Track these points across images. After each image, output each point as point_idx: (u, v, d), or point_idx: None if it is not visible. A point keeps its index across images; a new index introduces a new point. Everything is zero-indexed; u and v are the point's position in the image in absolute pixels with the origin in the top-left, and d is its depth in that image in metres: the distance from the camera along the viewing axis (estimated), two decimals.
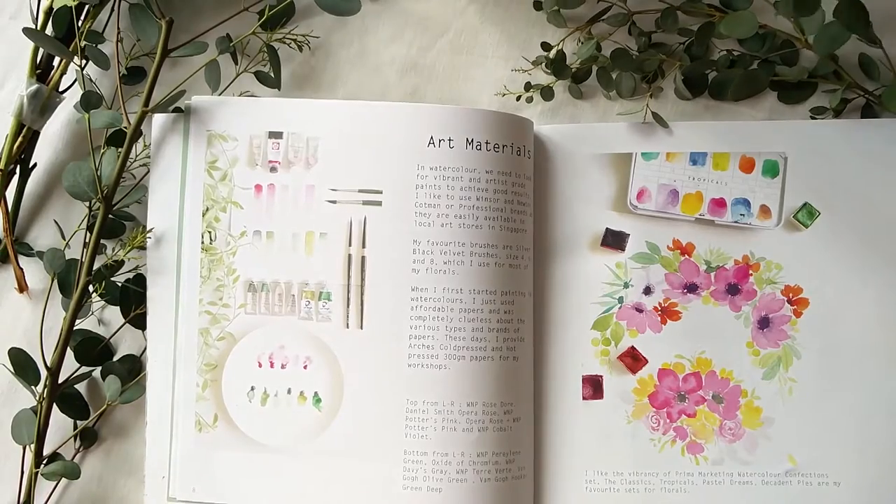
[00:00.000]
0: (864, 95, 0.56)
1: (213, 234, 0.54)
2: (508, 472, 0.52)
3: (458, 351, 0.52)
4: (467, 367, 0.52)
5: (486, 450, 0.52)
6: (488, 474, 0.51)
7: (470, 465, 0.51)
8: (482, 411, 0.52)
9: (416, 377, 0.52)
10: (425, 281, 0.52)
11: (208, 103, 0.55)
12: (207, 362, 0.54)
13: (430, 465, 0.51)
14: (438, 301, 0.52)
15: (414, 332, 0.52)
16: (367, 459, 0.52)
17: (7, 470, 0.55)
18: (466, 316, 0.52)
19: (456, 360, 0.52)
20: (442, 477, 0.51)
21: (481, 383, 0.52)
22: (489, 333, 0.52)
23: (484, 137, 0.53)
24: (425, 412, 0.52)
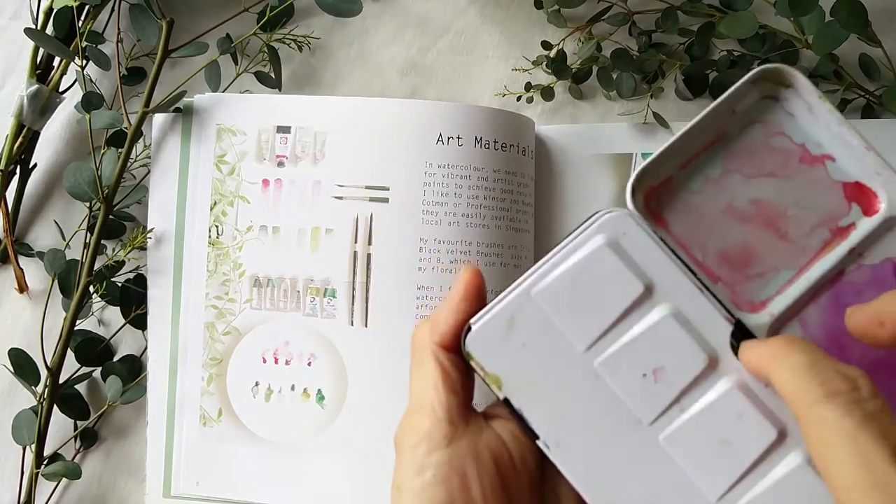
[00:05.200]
0: (865, 95, 0.56)
1: (220, 229, 0.54)
2: None
3: None
4: None
5: None
6: None
7: None
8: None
9: None
10: (431, 280, 0.52)
11: (217, 98, 0.55)
12: (213, 357, 0.54)
13: None
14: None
15: None
16: (370, 457, 0.52)
17: (7, 470, 0.55)
18: None
19: None
20: None
21: None
22: None
23: (492, 136, 0.53)
24: None
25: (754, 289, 0.31)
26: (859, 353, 0.30)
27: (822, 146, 0.32)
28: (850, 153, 0.31)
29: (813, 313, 0.31)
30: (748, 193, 0.32)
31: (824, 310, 0.31)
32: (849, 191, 0.31)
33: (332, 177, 0.54)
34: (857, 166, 0.31)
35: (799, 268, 0.31)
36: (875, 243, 0.31)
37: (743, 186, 0.32)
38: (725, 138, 0.32)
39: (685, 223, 0.32)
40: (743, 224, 0.31)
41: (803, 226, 0.31)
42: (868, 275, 0.31)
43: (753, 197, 0.32)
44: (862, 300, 0.29)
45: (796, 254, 0.31)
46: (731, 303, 0.31)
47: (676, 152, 0.31)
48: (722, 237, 0.31)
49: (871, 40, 0.53)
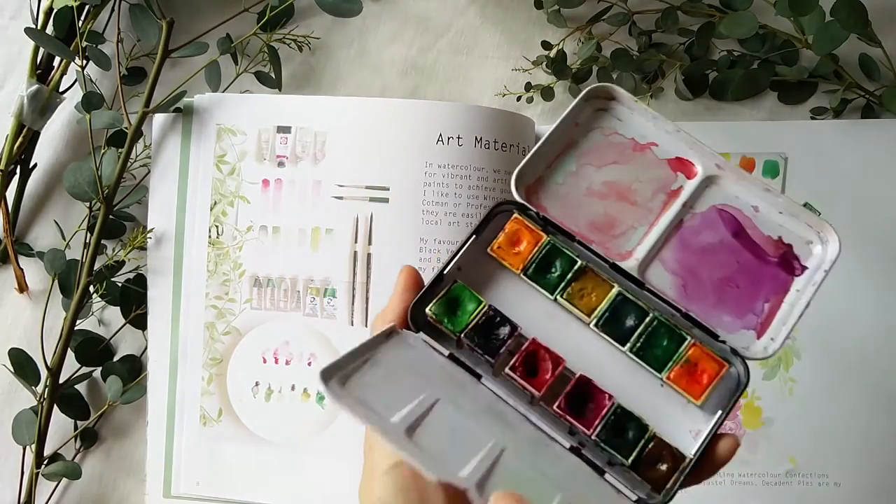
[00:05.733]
0: (865, 95, 0.56)
1: (220, 229, 0.54)
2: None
3: None
4: None
5: None
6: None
7: None
8: None
9: None
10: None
11: (217, 98, 0.55)
12: (213, 357, 0.54)
13: None
14: None
15: None
16: None
17: (7, 470, 0.55)
18: None
19: None
20: None
21: None
22: None
23: (492, 136, 0.53)
24: None
25: (621, 244, 0.40)
26: (708, 275, 0.39)
27: (647, 136, 0.41)
28: (667, 138, 0.41)
29: (667, 253, 0.40)
30: (600, 178, 0.41)
31: (675, 249, 0.40)
32: (673, 164, 0.41)
33: (333, 177, 0.54)
34: (674, 146, 0.41)
35: (650, 223, 0.40)
36: (700, 197, 0.40)
37: (595, 174, 0.41)
38: (575, 143, 0.41)
39: (558, 207, 0.40)
40: (602, 200, 0.41)
41: (646, 193, 0.41)
42: (700, 219, 0.40)
43: (605, 180, 0.41)
44: (700, 238, 0.40)
45: (646, 214, 0.40)
46: (607, 256, 0.39)
47: (540, 158, 0.40)
48: (588, 212, 0.40)
49: (871, 40, 0.53)
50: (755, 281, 0.39)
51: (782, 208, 0.40)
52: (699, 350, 0.37)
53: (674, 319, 0.38)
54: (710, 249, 0.40)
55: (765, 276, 0.39)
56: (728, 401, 0.37)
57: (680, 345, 0.38)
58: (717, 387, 0.37)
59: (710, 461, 0.36)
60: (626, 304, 0.38)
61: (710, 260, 0.39)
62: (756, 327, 0.39)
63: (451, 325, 0.38)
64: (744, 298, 0.39)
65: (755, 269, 0.39)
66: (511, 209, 0.39)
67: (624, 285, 0.39)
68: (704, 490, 0.53)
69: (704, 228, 0.40)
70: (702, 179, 0.40)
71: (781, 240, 0.40)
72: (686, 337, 0.38)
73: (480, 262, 0.40)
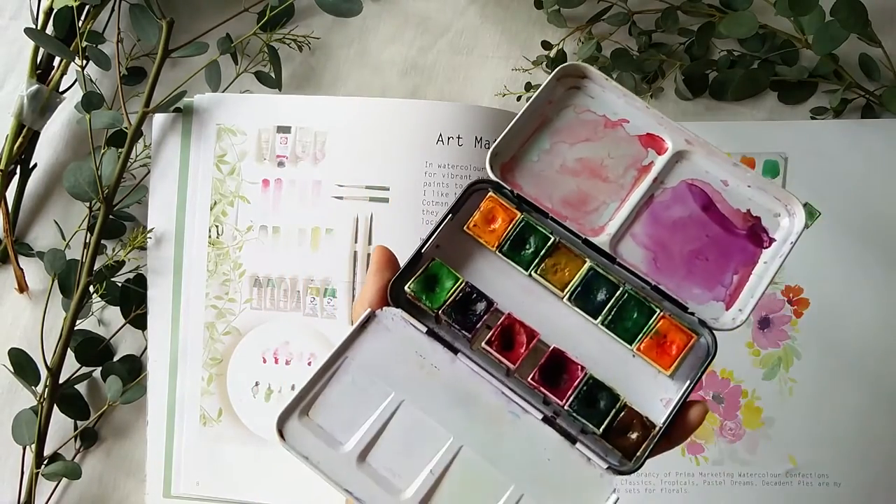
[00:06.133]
0: (865, 95, 0.56)
1: (220, 229, 0.54)
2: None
3: None
4: None
5: None
6: None
7: None
8: None
9: None
10: None
11: (217, 98, 0.55)
12: (213, 356, 0.54)
13: None
14: None
15: None
16: None
17: (7, 470, 0.55)
18: None
19: None
20: None
21: None
22: None
23: (492, 136, 0.53)
24: None
25: (593, 219, 0.41)
26: (678, 249, 0.40)
27: (618, 113, 0.42)
28: (637, 114, 0.42)
29: (638, 228, 0.41)
30: (573, 155, 0.42)
31: (646, 224, 0.41)
32: (643, 140, 0.42)
33: (333, 177, 0.54)
34: (644, 122, 0.42)
35: (621, 199, 0.41)
36: (670, 172, 0.41)
37: (568, 151, 0.42)
38: (548, 121, 0.42)
39: (533, 185, 0.41)
40: (575, 177, 0.42)
41: (618, 170, 0.42)
42: (670, 194, 0.41)
43: (578, 157, 0.42)
44: (670, 212, 0.41)
45: (617, 190, 0.41)
46: (580, 232, 0.40)
47: (514, 136, 0.41)
48: (561, 189, 0.41)
49: (871, 40, 0.53)
50: (724, 253, 0.40)
51: (751, 182, 0.41)
52: (668, 322, 0.39)
53: (644, 293, 0.39)
54: (681, 223, 0.41)
55: (733, 249, 0.40)
56: (697, 370, 0.38)
57: (650, 317, 0.39)
58: (687, 357, 0.38)
59: (681, 427, 0.38)
60: (597, 279, 0.39)
61: (680, 234, 0.41)
62: (725, 299, 0.40)
63: (429, 302, 0.39)
64: (713, 271, 0.40)
65: (724, 242, 0.40)
66: (486, 188, 0.41)
67: (596, 260, 0.40)
68: (704, 490, 0.53)
69: (674, 203, 0.41)
70: (672, 155, 0.41)
71: (750, 213, 0.41)
72: (656, 310, 0.39)
73: (457, 240, 0.40)
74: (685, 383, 0.38)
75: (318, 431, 0.37)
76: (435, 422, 0.37)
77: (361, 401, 0.37)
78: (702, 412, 0.38)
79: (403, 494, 0.36)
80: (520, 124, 0.41)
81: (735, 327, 0.39)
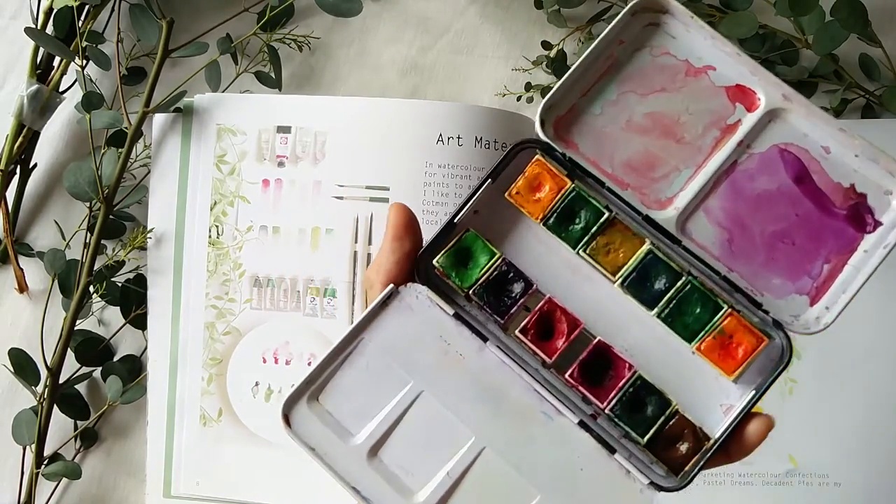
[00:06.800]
0: (865, 95, 0.56)
1: (220, 229, 0.54)
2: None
3: None
4: None
5: None
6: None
7: None
8: None
9: None
10: None
11: (217, 98, 0.55)
12: (213, 357, 0.54)
13: None
14: None
15: None
16: None
17: (7, 470, 0.55)
18: None
19: None
20: None
21: None
22: None
23: (492, 136, 0.53)
24: None
25: (660, 189, 0.35)
26: (759, 229, 0.34)
27: (703, 59, 0.35)
28: (727, 61, 0.35)
29: (714, 202, 0.34)
30: (643, 109, 0.35)
31: (724, 197, 0.34)
32: (731, 93, 0.35)
33: (333, 177, 0.54)
34: (734, 71, 0.35)
35: (697, 165, 0.35)
36: (760, 134, 0.35)
37: (638, 104, 0.35)
38: (617, 65, 0.35)
39: (592, 143, 0.35)
40: (643, 136, 0.35)
41: (696, 129, 0.35)
42: (757, 161, 0.35)
43: (649, 111, 0.35)
44: (755, 184, 0.34)
45: (693, 154, 0.35)
46: (642, 204, 0.34)
47: (576, 83, 0.35)
48: (625, 150, 0.35)
49: (871, 40, 0.53)
50: (815, 237, 0.34)
51: (859, 150, 0.34)
52: (736, 320, 0.34)
53: (710, 283, 0.34)
54: (766, 198, 0.34)
55: (827, 232, 0.34)
56: (767, 377, 0.33)
57: (715, 314, 0.34)
58: (756, 361, 0.33)
59: (738, 444, 0.33)
60: (656, 264, 0.34)
61: (763, 210, 0.34)
62: (810, 292, 0.34)
63: (459, 280, 0.35)
64: (799, 257, 0.34)
65: (817, 223, 0.34)
66: (534, 149, 0.35)
67: (657, 242, 0.34)
68: (704, 490, 0.53)
69: (761, 172, 0.34)
70: (764, 112, 0.34)
71: (854, 188, 0.34)
72: (722, 305, 0.34)
73: (497, 207, 0.36)
74: (750, 389, 0.33)
75: (328, 419, 0.33)
76: (456, 417, 0.33)
77: (377, 388, 0.34)
78: (764, 427, 0.33)
79: (416, 497, 0.33)
80: (583, 67, 0.35)
81: (818, 330, 0.33)
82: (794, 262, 0.34)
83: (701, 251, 0.34)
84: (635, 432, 0.33)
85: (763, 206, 0.34)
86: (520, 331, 0.34)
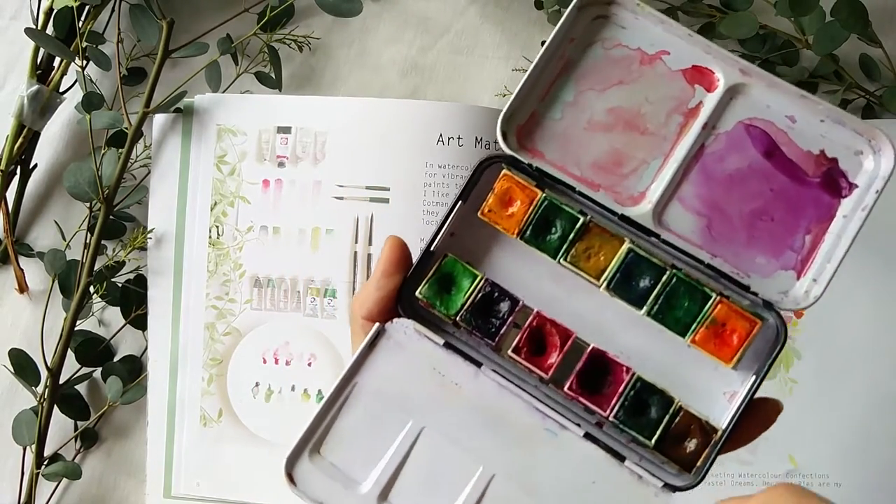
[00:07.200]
0: (865, 96, 0.56)
1: (220, 229, 0.54)
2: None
3: None
4: None
5: None
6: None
7: None
8: None
9: None
10: None
11: (217, 98, 0.55)
12: (213, 357, 0.54)
13: None
14: None
15: None
16: None
17: (8, 470, 0.55)
18: None
19: None
20: None
21: None
22: None
23: (492, 136, 0.53)
24: None
25: (632, 185, 0.34)
26: (737, 210, 0.34)
27: (655, 44, 0.35)
28: (679, 44, 0.34)
29: (687, 189, 0.34)
30: (603, 105, 0.35)
31: (696, 183, 0.34)
32: (689, 75, 0.34)
33: (333, 177, 0.54)
34: (688, 53, 0.34)
35: (664, 155, 0.34)
36: (724, 113, 0.34)
37: (597, 101, 0.35)
38: (571, 64, 0.35)
39: (557, 149, 0.34)
40: (606, 133, 0.35)
41: (658, 118, 0.34)
42: (725, 141, 0.34)
43: (609, 107, 0.35)
44: (725, 164, 0.34)
45: (659, 143, 0.34)
46: (616, 203, 0.34)
47: (531, 88, 0.34)
48: (591, 150, 0.35)
49: (871, 40, 0.53)
50: (793, 209, 0.33)
51: (824, 115, 0.33)
52: (727, 307, 0.33)
53: (695, 274, 0.34)
54: (738, 177, 0.34)
55: (804, 202, 0.33)
56: (765, 359, 0.33)
57: (704, 303, 0.33)
58: (752, 345, 0.33)
59: (747, 428, 0.33)
60: (639, 263, 0.34)
61: (738, 190, 0.34)
62: (796, 266, 0.33)
63: (444, 308, 0.34)
64: (780, 232, 0.33)
65: (793, 195, 0.33)
66: (500, 163, 0.34)
67: (636, 239, 0.34)
68: (705, 490, 0.53)
69: (730, 152, 0.34)
70: (725, 90, 0.34)
71: (824, 154, 0.33)
72: (711, 294, 0.33)
73: (473, 227, 0.35)
74: (751, 374, 0.33)
75: (332, 471, 0.33)
76: (461, 449, 0.33)
77: (377, 431, 0.33)
78: (773, 411, 0.33)
79: None
80: (536, 73, 0.34)
81: (808, 305, 0.33)
82: (775, 238, 0.34)
83: (681, 241, 0.34)
84: (642, 435, 0.33)
85: (736, 185, 0.34)
86: (512, 350, 0.34)
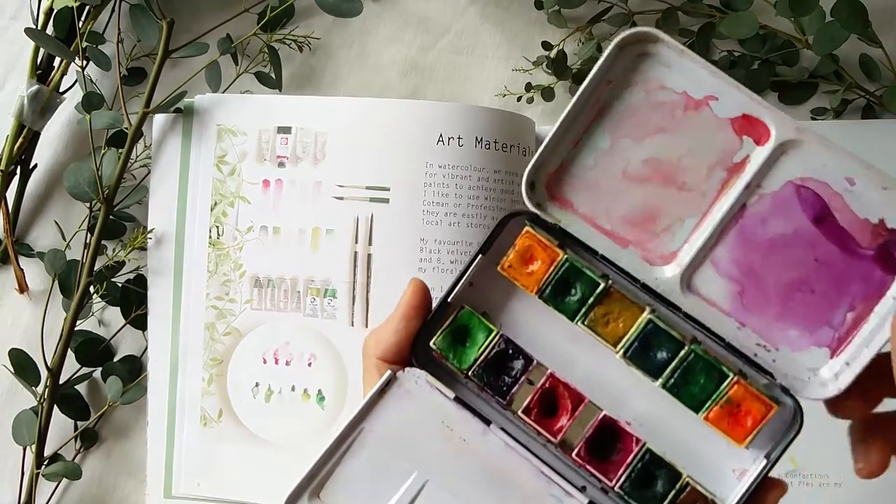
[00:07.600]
0: (865, 96, 0.56)
1: (220, 229, 0.54)
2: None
3: None
4: None
5: None
6: None
7: None
8: None
9: None
10: (432, 280, 0.51)
11: (218, 99, 0.55)
12: (213, 357, 0.54)
13: None
14: None
15: None
16: None
17: (7, 470, 0.55)
18: None
19: None
20: None
21: None
22: None
23: (493, 136, 0.53)
24: None
25: (663, 243, 0.32)
26: (774, 278, 0.31)
27: (703, 88, 0.32)
28: (728, 90, 0.31)
29: (722, 252, 0.31)
30: (640, 155, 0.32)
31: (733, 246, 0.31)
32: (737, 125, 0.31)
33: (333, 177, 0.54)
34: (739, 100, 0.31)
35: (702, 213, 0.32)
36: (771, 170, 0.31)
37: (634, 150, 0.32)
38: (608, 108, 0.32)
39: (587, 199, 0.33)
40: (641, 185, 0.32)
41: (699, 171, 0.32)
42: (770, 202, 0.31)
43: (646, 157, 0.32)
44: (767, 228, 0.31)
45: (697, 200, 0.32)
46: (644, 261, 0.32)
47: (564, 135, 0.33)
48: (624, 202, 0.33)
49: (872, 40, 0.53)
50: (837, 282, 0.30)
51: (887, 183, 0.30)
52: (743, 388, 0.32)
53: (714, 350, 0.33)
54: (780, 243, 0.31)
55: (852, 275, 0.30)
56: (778, 443, 0.33)
57: (721, 382, 0.32)
58: (766, 426, 0.33)
59: None
60: (658, 334, 0.33)
61: (778, 257, 0.31)
62: (831, 344, 0.31)
63: (457, 362, 0.34)
64: (819, 306, 0.31)
65: (839, 266, 0.30)
66: (523, 219, 0.34)
67: (657, 309, 0.33)
68: None
69: (774, 214, 0.31)
70: (776, 146, 0.30)
71: (883, 223, 0.30)
72: (728, 374, 0.32)
73: (492, 278, 0.35)
74: (763, 452, 0.33)
75: None
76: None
77: (380, 479, 0.33)
78: (778, 492, 0.33)
79: None
80: (569, 119, 0.32)
81: (827, 397, 0.31)
82: (812, 311, 0.31)
83: (708, 307, 0.33)
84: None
85: (777, 251, 0.31)
86: (523, 411, 0.34)
